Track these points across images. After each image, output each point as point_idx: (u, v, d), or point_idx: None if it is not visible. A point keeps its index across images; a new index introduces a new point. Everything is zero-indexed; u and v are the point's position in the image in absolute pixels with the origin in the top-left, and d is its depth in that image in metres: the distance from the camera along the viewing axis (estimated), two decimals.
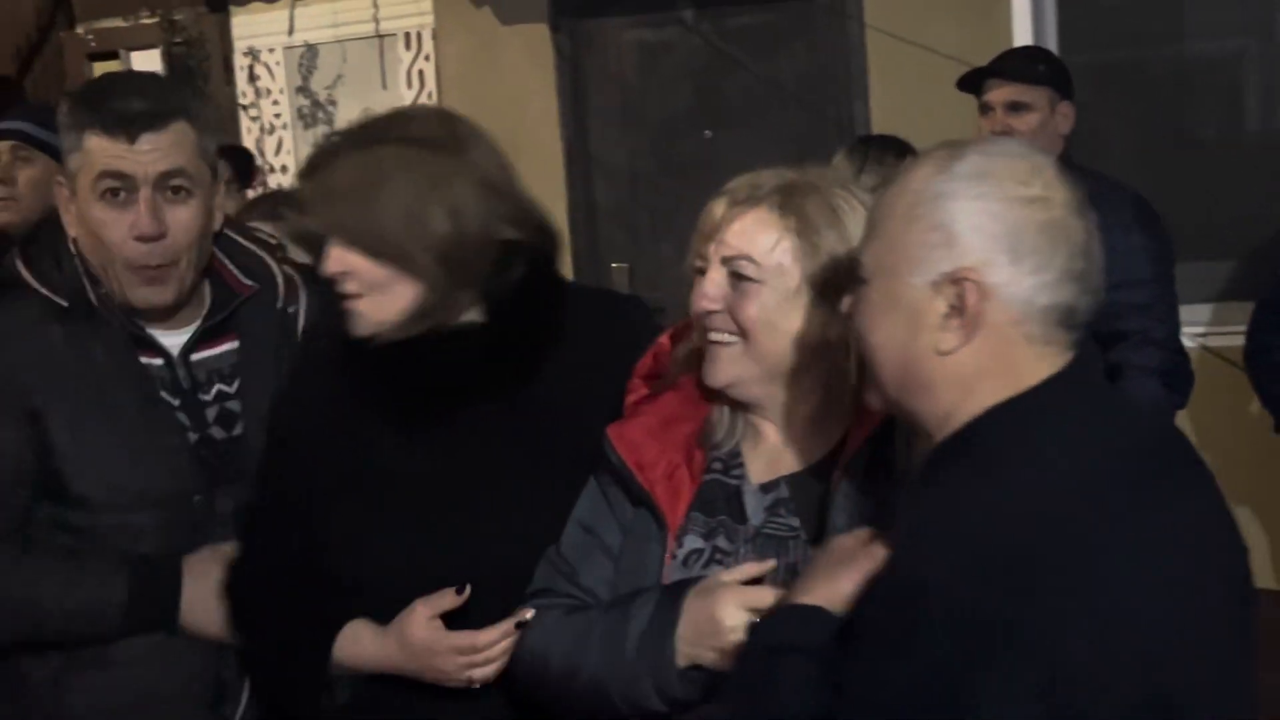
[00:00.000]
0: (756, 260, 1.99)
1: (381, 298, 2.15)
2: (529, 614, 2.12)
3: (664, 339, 2.20)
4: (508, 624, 2.12)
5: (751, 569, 1.96)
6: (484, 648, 2.14)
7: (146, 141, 2.27)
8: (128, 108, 2.27)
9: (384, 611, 2.22)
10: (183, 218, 2.31)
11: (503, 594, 2.18)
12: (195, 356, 2.41)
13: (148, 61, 8.79)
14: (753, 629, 1.85)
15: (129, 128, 2.27)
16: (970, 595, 1.45)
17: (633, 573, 2.08)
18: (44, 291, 2.33)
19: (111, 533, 2.33)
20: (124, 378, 2.34)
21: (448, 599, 2.14)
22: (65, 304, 2.32)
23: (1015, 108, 4.11)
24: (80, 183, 2.30)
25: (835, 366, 2.01)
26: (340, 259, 2.14)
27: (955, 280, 1.59)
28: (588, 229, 6.81)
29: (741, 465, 2.10)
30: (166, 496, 2.35)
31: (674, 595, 1.98)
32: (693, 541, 2.05)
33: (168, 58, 8.65)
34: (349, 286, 2.16)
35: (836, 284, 1.91)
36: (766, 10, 6.43)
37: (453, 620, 2.18)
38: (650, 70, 6.77)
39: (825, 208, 1.99)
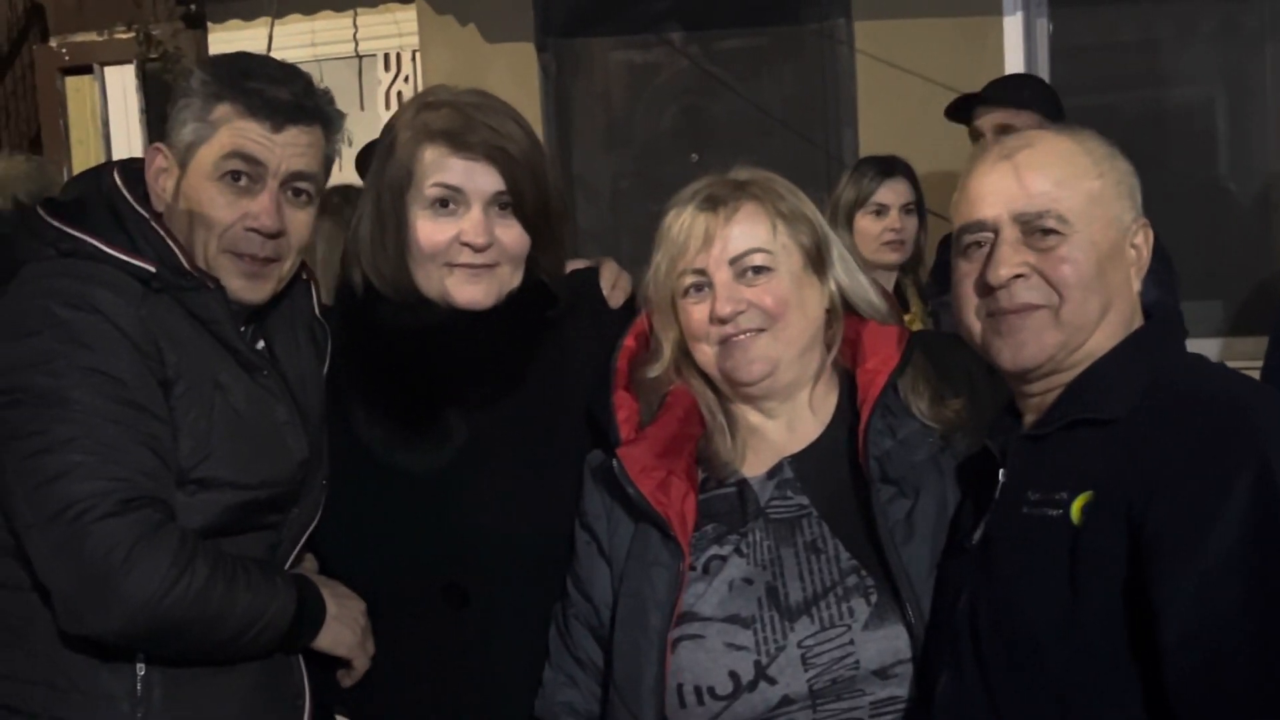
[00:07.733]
0: (766, 248, 2.11)
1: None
2: None
3: (629, 340, 2.22)
4: None
5: None
6: None
7: (290, 134, 2.15)
8: (277, 93, 2.14)
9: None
10: (300, 221, 2.20)
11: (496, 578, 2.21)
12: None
13: (122, 77, 8.73)
14: None
15: (275, 115, 2.13)
16: None
17: (638, 596, 2.08)
18: (123, 257, 2.08)
19: (231, 516, 2.12)
20: (231, 349, 2.15)
21: None
22: (153, 269, 2.08)
23: (1005, 131, 4.08)
24: (198, 155, 2.14)
25: (828, 341, 2.16)
26: None
27: (1141, 226, 1.89)
28: (570, 250, 6.73)
29: (739, 468, 2.13)
30: (285, 471, 2.19)
31: None
32: (711, 550, 2.07)
33: (143, 73, 8.59)
34: None
35: (822, 259, 2.14)
36: (755, 34, 6.40)
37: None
38: (636, 92, 6.73)
39: (792, 194, 2.17)
